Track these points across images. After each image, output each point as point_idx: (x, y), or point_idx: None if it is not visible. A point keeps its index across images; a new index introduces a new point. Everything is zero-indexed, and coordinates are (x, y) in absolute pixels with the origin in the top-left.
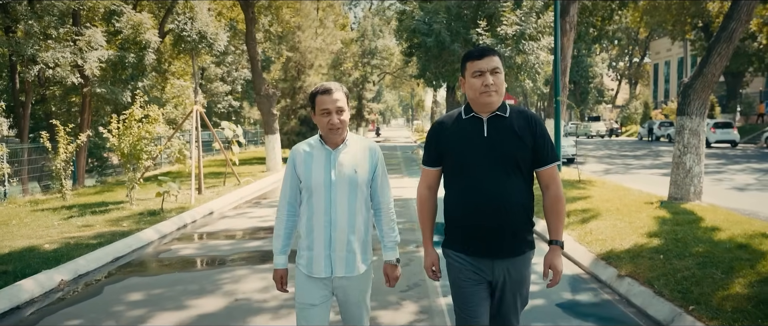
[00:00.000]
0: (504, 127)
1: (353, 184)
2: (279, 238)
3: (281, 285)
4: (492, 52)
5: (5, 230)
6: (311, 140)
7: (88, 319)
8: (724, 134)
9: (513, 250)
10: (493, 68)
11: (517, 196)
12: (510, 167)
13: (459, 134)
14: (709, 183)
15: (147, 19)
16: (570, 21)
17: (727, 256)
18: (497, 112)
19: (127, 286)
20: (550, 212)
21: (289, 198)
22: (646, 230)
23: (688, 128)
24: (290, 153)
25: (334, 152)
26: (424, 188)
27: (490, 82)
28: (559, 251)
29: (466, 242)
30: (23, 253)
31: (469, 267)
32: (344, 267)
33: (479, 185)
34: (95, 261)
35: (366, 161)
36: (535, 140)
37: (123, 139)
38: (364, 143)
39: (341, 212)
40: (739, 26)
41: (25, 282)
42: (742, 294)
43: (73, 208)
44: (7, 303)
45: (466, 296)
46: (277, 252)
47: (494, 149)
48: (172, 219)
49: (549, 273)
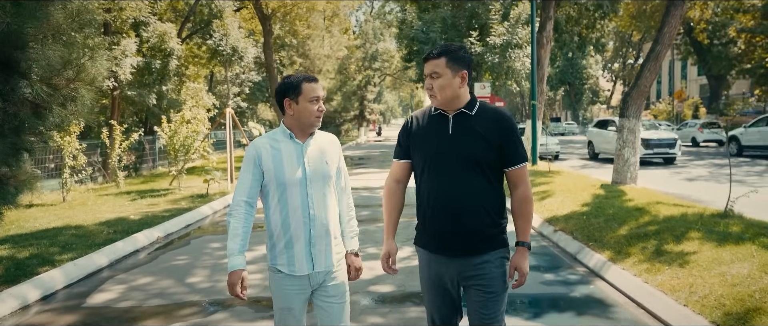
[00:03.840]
0: (469, 125)
1: (326, 177)
2: (237, 238)
3: (241, 288)
4: (433, 56)
5: (90, 208)
6: (275, 133)
7: (190, 256)
8: (711, 134)
9: (473, 249)
10: (431, 72)
11: (475, 196)
12: (471, 167)
13: (426, 130)
14: (667, 174)
15: (171, 28)
16: (547, 35)
17: (626, 215)
18: (463, 109)
19: (205, 240)
20: (517, 213)
21: (248, 196)
22: (582, 202)
23: (627, 127)
24: (250, 148)
25: (304, 144)
26: (391, 180)
27: (427, 86)
28: (525, 252)
29: (429, 238)
30: (118, 221)
31: (432, 263)
32: (324, 261)
33: (438, 183)
34: (174, 225)
35: (334, 152)
36: (502, 139)
37: (174, 137)
38: (327, 135)
39: (319, 206)
40: (663, 49)
41: (136, 235)
42: (623, 234)
43: (130, 194)
44: (131, 246)
45: (430, 291)
46: (235, 252)
47: (457, 147)
48: (217, 200)
49: (515, 274)
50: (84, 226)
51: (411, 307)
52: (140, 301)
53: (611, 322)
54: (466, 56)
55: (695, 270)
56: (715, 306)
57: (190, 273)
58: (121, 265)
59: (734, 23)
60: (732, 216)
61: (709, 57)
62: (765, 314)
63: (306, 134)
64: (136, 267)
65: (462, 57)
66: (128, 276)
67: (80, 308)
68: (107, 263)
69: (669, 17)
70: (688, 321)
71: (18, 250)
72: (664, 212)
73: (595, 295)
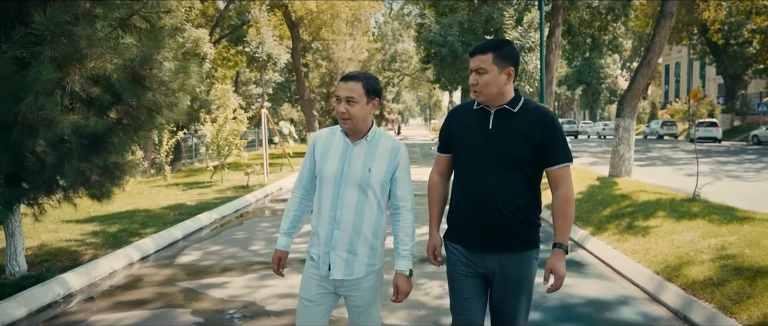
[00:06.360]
0: (509, 122)
1: (364, 183)
2: (287, 219)
3: (278, 266)
4: (478, 51)
5: (148, 197)
6: (337, 128)
7: (246, 232)
8: (705, 132)
9: (504, 246)
10: (477, 68)
11: (511, 194)
12: (508, 164)
13: (467, 124)
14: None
15: (204, 33)
16: (555, 41)
17: (611, 200)
18: (505, 105)
19: (255, 221)
20: (557, 214)
21: (305, 182)
22: (578, 191)
23: (622, 126)
24: (313, 136)
25: (353, 146)
26: (435, 173)
27: (473, 81)
28: (562, 254)
29: (460, 233)
30: (178, 206)
31: (462, 258)
32: (343, 269)
33: (475, 178)
34: (227, 209)
35: (385, 161)
36: (543, 138)
37: (219, 134)
38: (390, 143)
39: (347, 210)
40: (655, 56)
41: (199, 216)
42: (605, 215)
43: (179, 185)
44: (197, 224)
45: (458, 287)
46: (283, 231)
47: (495, 143)
48: (257, 191)
49: (550, 277)
50: (151, 210)
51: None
52: (217, 261)
53: (584, 275)
54: (514, 52)
55: (653, 238)
56: (660, 261)
57: (250, 243)
58: (193, 237)
59: (750, 23)
60: (697, 200)
61: (725, 57)
62: (692, 264)
63: (352, 134)
64: (206, 239)
65: (509, 53)
66: (201, 245)
67: (173, 265)
68: (181, 236)
69: (659, 28)
70: (637, 271)
71: (107, 226)
72: (643, 198)
73: (575, 259)
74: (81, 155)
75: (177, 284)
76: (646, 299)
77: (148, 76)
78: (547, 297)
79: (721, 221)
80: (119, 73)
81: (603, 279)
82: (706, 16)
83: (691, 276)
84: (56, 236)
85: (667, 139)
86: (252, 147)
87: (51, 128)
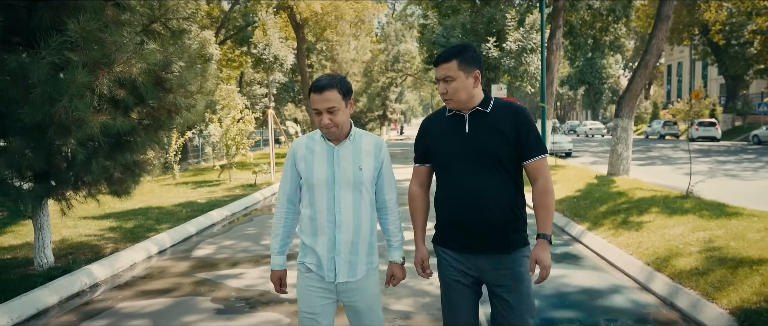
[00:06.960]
0: (485, 122)
1: (358, 182)
2: (277, 237)
3: (280, 286)
4: (442, 60)
5: (159, 195)
6: (314, 134)
7: (257, 228)
8: (704, 131)
9: (495, 247)
10: (444, 76)
11: (497, 193)
12: (491, 164)
13: (442, 131)
14: (668, 169)
15: (210, 35)
16: (556, 42)
17: (608, 197)
18: (478, 107)
19: (264, 217)
20: (538, 205)
21: (289, 195)
22: (576, 189)
23: (621, 126)
24: (291, 147)
25: (337, 147)
26: (414, 185)
27: (442, 90)
28: (546, 245)
29: (450, 237)
30: (189, 203)
31: (453, 262)
32: (347, 272)
33: (459, 182)
34: (237, 206)
35: (371, 157)
36: (518, 133)
37: (228, 133)
38: (370, 139)
39: (346, 212)
40: (652, 58)
41: (211, 212)
42: (602, 211)
43: (188, 184)
44: (209, 220)
45: (450, 292)
46: (276, 251)
47: (474, 145)
48: (265, 189)
49: (536, 268)
50: (164, 207)
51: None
52: (231, 254)
53: (579, 267)
54: (477, 55)
55: (645, 232)
56: (651, 253)
57: (261, 238)
58: (206, 233)
59: (750, 24)
60: (690, 197)
61: (726, 57)
62: (681, 255)
63: (339, 138)
64: (218, 235)
65: (473, 57)
66: (214, 239)
67: (189, 258)
68: (195, 231)
69: (656, 30)
70: (629, 263)
71: (123, 222)
72: (639, 195)
73: (572, 252)
74: (106, 154)
75: (195, 275)
76: (636, 288)
77: (169, 79)
78: (542, 286)
79: (710, 216)
80: (143, 76)
81: (597, 270)
82: (707, 17)
83: (679, 266)
84: (76, 232)
85: (668, 139)
86: (257, 147)
87: (82, 128)
